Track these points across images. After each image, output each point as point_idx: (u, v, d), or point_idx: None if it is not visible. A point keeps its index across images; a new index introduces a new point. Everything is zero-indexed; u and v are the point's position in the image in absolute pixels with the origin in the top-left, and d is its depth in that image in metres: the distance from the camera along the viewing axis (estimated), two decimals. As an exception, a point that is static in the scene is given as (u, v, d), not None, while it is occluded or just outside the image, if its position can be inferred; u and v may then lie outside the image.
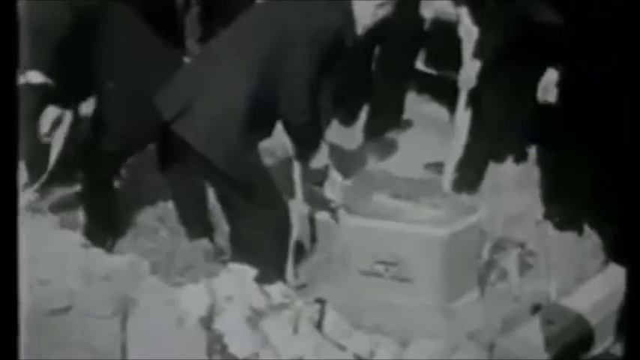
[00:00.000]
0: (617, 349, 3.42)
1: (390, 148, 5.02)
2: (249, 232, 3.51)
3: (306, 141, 3.54)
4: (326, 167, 3.62)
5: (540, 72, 4.16)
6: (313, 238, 3.84)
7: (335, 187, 3.67)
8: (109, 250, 3.75)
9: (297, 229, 3.71)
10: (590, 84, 3.80)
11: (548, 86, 4.00)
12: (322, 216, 3.78)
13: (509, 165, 4.72)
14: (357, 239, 3.69)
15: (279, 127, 3.50)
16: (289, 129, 3.46)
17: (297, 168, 3.70)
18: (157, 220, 4.20)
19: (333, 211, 3.73)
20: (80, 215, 4.02)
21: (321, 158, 3.58)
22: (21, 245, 2.04)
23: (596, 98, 3.76)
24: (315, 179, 3.69)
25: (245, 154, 3.40)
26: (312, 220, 3.80)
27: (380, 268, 3.67)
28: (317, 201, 3.76)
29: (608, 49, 3.65)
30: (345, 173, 3.83)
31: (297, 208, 3.73)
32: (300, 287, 3.62)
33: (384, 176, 4.28)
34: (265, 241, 3.50)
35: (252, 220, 3.48)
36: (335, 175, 3.66)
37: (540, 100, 4.05)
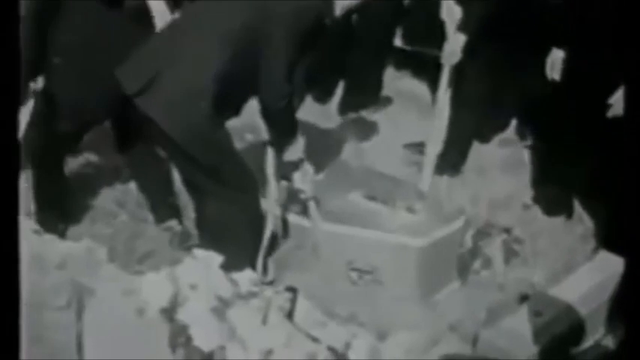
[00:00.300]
0: (609, 342, 3.45)
1: (368, 130, 5.01)
2: (218, 216, 3.49)
3: (284, 125, 3.53)
4: (300, 160, 3.62)
5: (530, 50, 4.17)
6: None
7: (306, 178, 3.67)
8: (61, 235, 3.72)
9: (272, 224, 3.71)
10: (588, 63, 3.82)
11: (555, 64, 4.01)
12: (295, 219, 3.78)
13: (494, 145, 4.75)
14: (330, 246, 3.70)
15: (248, 107, 3.48)
16: (267, 113, 3.45)
17: (270, 159, 3.69)
18: (116, 203, 4.17)
19: (303, 203, 3.73)
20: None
21: (295, 150, 3.57)
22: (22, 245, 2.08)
23: (595, 78, 3.77)
24: (287, 172, 3.68)
25: (212, 134, 3.38)
26: (285, 222, 3.80)
27: (354, 275, 3.68)
28: (288, 194, 3.77)
29: (606, 30, 3.68)
30: (319, 166, 3.84)
31: (271, 208, 3.71)
32: (269, 284, 3.61)
33: (360, 169, 4.28)
34: (235, 225, 3.48)
35: (221, 204, 3.47)
36: (307, 167, 3.66)
37: (548, 78, 4.05)
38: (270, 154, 3.68)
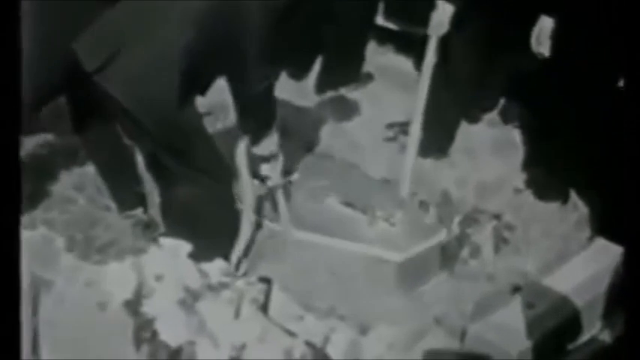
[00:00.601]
0: (606, 336, 3.47)
1: (348, 109, 5.00)
2: (187, 202, 3.48)
3: (260, 113, 3.52)
4: (272, 155, 3.61)
5: (519, 22, 4.17)
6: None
7: (276, 167, 3.66)
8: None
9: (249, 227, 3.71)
10: (583, 36, 3.82)
11: (542, 37, 4.01)
12: (269, 226, 3.78)
13: (483, 125, 4.75)
14: (305, 255, 3.71)
15: (215, 89, 3.47)
16: (241, 98, 3.43)
17: (242, 150, 3.67)
18: (74, 188, 4.14)
19: (270, 191, 3.73)
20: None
21: (269, 144, 3.56)
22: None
23: (590, 52, 3.78)
24: (257, 167, 3.68)
25: (179, 112, 3.36)
26: (259, 227, 3.80)
27: None
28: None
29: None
30: (294, 158, 3.87)
31: (246, 212, 3.68)
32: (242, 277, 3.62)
33: (337, 168, 4.28)
34: (206, 212, 3.47)
35: (191, 189, 3.46)
36: (280, 158, 3.66)
37: (535, 52, 4.06)
38: (242, 144, 3.66)
